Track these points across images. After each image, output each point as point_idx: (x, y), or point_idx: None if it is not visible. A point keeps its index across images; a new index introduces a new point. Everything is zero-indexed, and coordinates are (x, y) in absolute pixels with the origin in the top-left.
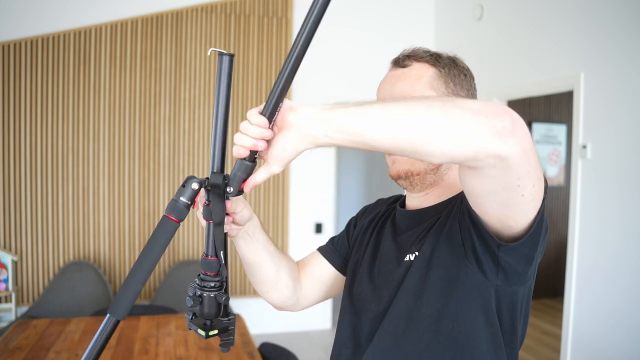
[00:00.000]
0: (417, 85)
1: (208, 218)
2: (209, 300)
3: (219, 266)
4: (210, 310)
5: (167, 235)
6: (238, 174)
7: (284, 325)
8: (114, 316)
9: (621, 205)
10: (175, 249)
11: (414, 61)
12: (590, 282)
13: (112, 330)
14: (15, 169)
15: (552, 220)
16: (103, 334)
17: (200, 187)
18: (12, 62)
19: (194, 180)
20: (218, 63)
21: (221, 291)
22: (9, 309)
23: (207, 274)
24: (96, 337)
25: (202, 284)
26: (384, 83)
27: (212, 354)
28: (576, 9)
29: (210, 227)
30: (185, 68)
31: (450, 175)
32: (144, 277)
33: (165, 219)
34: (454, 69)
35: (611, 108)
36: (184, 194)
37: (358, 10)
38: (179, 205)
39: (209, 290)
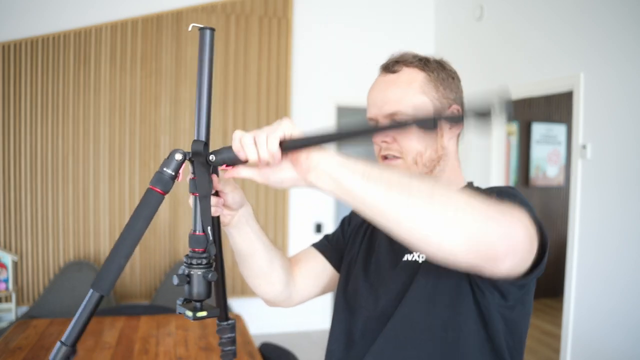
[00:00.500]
0: (408, 90)
1: (194, 191)
2: (197, 278)
3: (206, 242)
4: (199, 289)
5: (151, 208)
6: (224, 156)
7: (284, 325)
8: (97, 291)
9: (621, 205)
10: (175, 249)
11: (403, 66)
12: (590, 282)
13: (95, 305)
14: (15, 169)
15: (552, 220)
16: (86, 309)
17: (184, 158)
18: (12, 62)
19: (177, 151)
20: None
21: (210, 268)
22: (9, 309)
23: (195, 250)
24: (79, 313)
25: (190, 262)
26: (375, 89)
27: (212, 354)
28: (576, 9)
29: (196, 201)
30: (185, 68)
31: (443, 177)
32: (128, 251)
33: (149, 191)
34: (443, 72)
35: (611, 108)
36: (168, 166)
37: (358, 10)
38: (164, 176)
39: (196, 267)
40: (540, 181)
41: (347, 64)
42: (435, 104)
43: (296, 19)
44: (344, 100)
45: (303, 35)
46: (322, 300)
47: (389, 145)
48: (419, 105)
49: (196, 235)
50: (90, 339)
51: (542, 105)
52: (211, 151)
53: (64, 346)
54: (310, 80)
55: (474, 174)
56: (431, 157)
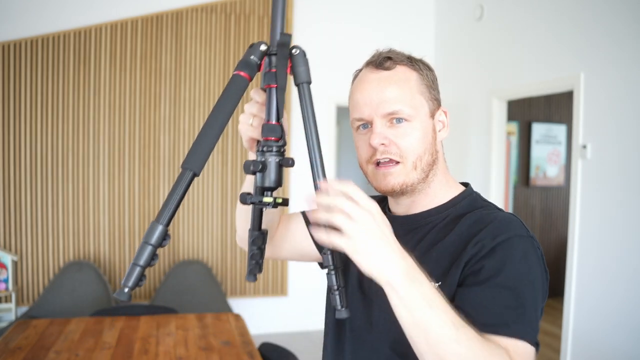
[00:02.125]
0: (406, 89)
1: (270, 83)
2: (273, 165)
3: (281, 131)
4: (273, 176)
5: (239, 90)
6: None
7: (284, 325)
8: (190, 169)
9: (621, 205)
10: (175, 249)
11: (396, 64)
12: (591, 282)
13: (188, 184)
14: (15, 169)
15: (552, 220)
16: (179, 189)
17: (267, 48)
18: (12, 62)
19: (262, 43)
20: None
21: (284, 156)
22: (9, 309)
23: (270, 139)
24: (172, 191)
25: (265, 149)
26: (368, 87)
27: (212, 354)
28: (576, 9)
29: (272, 92)
30: (185, 68)
31: (435, 181)
32: (218, 131)
33: (236, 76)
34: (430, 72)
35: (611, 108)
36: (254, 53)
37: (358, 10)
38: (251, 62)
39: (272, 154)
40: (540, 181)
41: (347, 63)
42: (429, 105)
43: (296, 19)
44: (344, 100)
45: (303, 35)
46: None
47: (387, 149)
48: (417, 105)
49: (271, 124)
50: (90, 339)
51: (542, 105)
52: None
53: (159, 225)
54: None
55: (474, 174)
56: (428, 161)
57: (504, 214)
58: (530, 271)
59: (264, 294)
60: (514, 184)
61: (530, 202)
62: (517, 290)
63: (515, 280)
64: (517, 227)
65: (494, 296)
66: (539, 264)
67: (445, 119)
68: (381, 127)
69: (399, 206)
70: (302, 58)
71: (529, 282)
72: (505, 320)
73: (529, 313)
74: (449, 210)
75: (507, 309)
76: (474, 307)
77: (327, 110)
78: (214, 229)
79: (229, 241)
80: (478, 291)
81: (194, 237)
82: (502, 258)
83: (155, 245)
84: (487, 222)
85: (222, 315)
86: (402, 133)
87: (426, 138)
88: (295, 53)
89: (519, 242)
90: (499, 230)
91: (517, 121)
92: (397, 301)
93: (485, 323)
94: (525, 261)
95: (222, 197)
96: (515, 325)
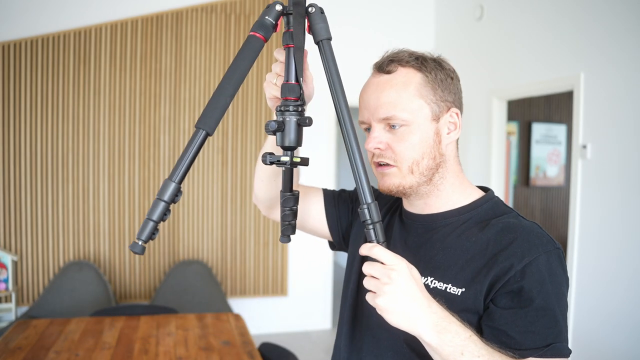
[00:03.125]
0: (404, 93)
1: (288, 43)
2: (291, 124)
3: (299, 90)
4: (292, 135)
5: (254, 51)
6: None
7: (284, 325)
8: (203, 129)
9: (621, 205)
10: (175, 249)
11: (398, 66)
12: (591, 282)
13: (201, 143)
14: (15, 169)
15: (552, 220)
16: (192, 148)
17: (283, 7)
18: (12, 62)
19: (278, 3)
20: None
21: (303, 116)
22: (9, 309)
23: (289, 99)
24: (185, 152)
25: (284, 109)
26: (367, 91)
27: (212, 354)
28: (576, 8)
29: (290, 52)
30: (185, 68)
31: (445, 184)
32: (233, 90)
33: (251, 36)
34: (441, 72)
35: (611, 108)
36: (269, 14)
37: (358, 10)
38: (266, 22)
39: (291, 113)
40: (540, 181)
41: (346, 64)
42: (432, 108)
43: None
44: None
45: None
46: (323, 300)
47: (382, 152)
48: (415, 109)
49: (290, 84)
50: (90, 339)
51: (542, 105)
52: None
53: (172, 183)
54: None
55: (474, 174)
56: (429, 165)
57: (529, 225)
58: (560, 288)
59: (264, 294)
60: (514, 184)
61: (530, 202)
62: (554, 311)
63: (550, 301)
64: (545, 241)
65: (536, 320)
66: (563, 276)
67: (457, 120)
68: (378, 131)
69: (413, 207)
70: (319, 15)
71: (559, 299)
72: (548, 342)
73: (564, 329)
74: (470, 213)
75: (548, 330)
76: (519, 332)
77: (327, 110)
78: (214, 229)
79: (229, 241)
80: (521, 315)
81: (194, 237)
82: (538, 279)
83: (168, 202)
84: (514, 233)
85: (222, 315)
86: (398, 138)
87: (425, 142)
88: (311, 11)
89: (547, 259)
90: (529, 246)
91: (517, 121)
92: (431, 351)
93: (531, 347)
94: (554, 279)
95: (222, 197)
96: (557, 345)
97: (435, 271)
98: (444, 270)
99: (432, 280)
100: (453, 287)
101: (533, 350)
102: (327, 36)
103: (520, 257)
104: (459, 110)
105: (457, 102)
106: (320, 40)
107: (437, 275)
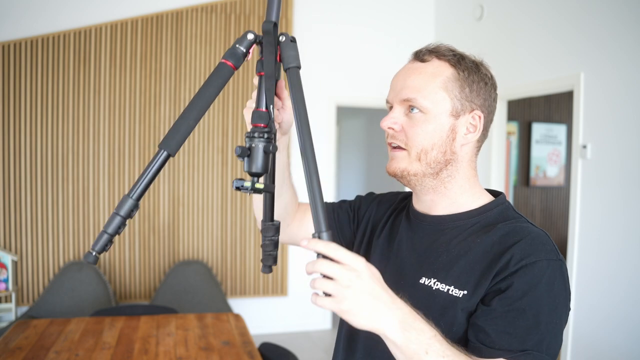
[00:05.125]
0: (430, 83)
1: (260, 71)
2: (258, 151)
3: (269, 119)
4: (259, 162)
5: (223, 78)
6: None
7: (284, 325)
8: (165, 150)
9: (621, 205)
10: (176, 249)
11: (435, 57)
12: (591, 282)
13: (162, 163)
14: (15, 169)
15: (552, 220)
16: (153, 167)
17: (255, 37)
18: (12, 62)
19: (250, 32)
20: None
21: (270, 142)
22: (9, 309)
23: (258, 125)
24: (146, 169)
25: (252, 135)
26: (399, 74)
27: (212, 354)
28: (576, 8)
29: (261, 80)
30: (185, 68)
31: (454, 184)
32: (198, 114)
33: (222, 64)
34: (475, 74)
35: (611, 108)
36: (241, 43)
37: (358, 10)
38: (237, 52)
39: (258, 140)
40: (540, 181)
41: (347, 63)
42: (454, 104)
43: (296, 18)
44: (343, 100)
45: (303, 34)
46: None
47: (395, 134)
48: (437, 100)
49: (259, 111)
50: (90, 339)
51: (542, 105)
52: (279, 33)
53: (130, 199)
54: (310, 80)
55: None
56: (437, 158)
57: (537, 231)
58: (555, 299)
59: (264, 294)
60: (514, 184)
61: (530, 202)
62: (538, 317)
63: (538, 306)
64: (548, 249)
65: (515, 321)
66: (563, 290)
67: (479, 123)
68: (397, 112)
69: (420, 204)
70: (290, 44)
71: (552, 309)
72: (524, 347)
73: (550, 341)
74: (479, 217)
75: (528, 335)
76: (496, 331)
77: (327, 110)
78: (214, 229)
79: (229, 241)
80: (502, 313)
81: (194, 237)
82: (530, 280)
83: (124, 217)
84: (519, 236)
85: (222, 315)
86: (413, 123)
87: (437, 134)
88: (282, 40)
89: (548, 266)
90: (531, 250)
91: (517, 121)
92: (395, 349)
93: (505, 348)
94: (550, 287)
95: (222, 197)
96: (533, 352)
97: (439, 273)
98: (447, 272)
99: (435, 282)
100: (455, 289)
101: (505, 351)
102: (295, 64)
103: (519, 258)
104: (484, 115)
105: (484, 107)
106: (288, 67)
107: (440, 276)
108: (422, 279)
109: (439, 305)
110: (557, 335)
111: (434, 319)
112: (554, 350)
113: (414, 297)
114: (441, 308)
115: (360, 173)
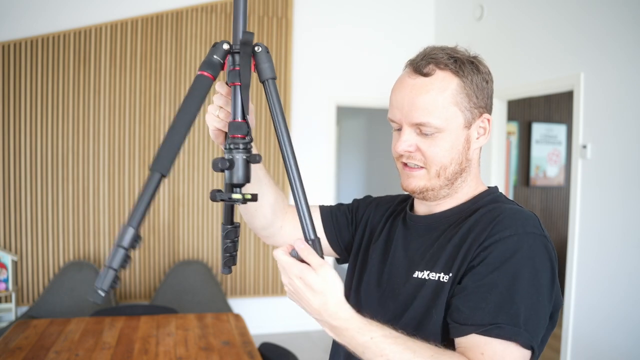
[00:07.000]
0: (439, 98)
1: (235, 81)
2: (240, 162)
3: (247, 128)
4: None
5: (204, 90)
6: None
7: (284, 325)
8: (158, 171)
9: (621, 205)
10: (176, 249)
11: (436, 69)
12: (591, 282)
13: (156, 186)
14: (15, 169)
15: (552, 220)
16: (148, 192)
17: (230, 47)
18: (12, 62)
19: (225, 42)
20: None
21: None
22: (9, 309)
23: (237, 136)
24: (141, 194)
25: (232, 147)
26: (402, 91)
27: (212, 354)
28: (576, 8)
29: (237, 90)
30: (185, 68)
31: (464, 186)
32: (184, 130)
33: (199, 76)
34: (477, 76)
35: (611, 108)
36: (216, 53)
37: (358, 10)
38: (214, 61)
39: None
40: (540, 181)
41: (347, 64)
42: (465, 115)
43: (296, 18)
44: (343, 100)
45: (303, 35)
46: None
47: (412, 154)
48: (449, 117)
49: (237, 122)
50: (90, 339)
51: (542, 105)
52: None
53: (130, 228)
54: (310, 80)
55: None
56: (454, 170)
57: (519, 209)
58: (535, 273)
59: (264, 294)
60: (514, 184)
61: (530, 202)
62: (511, 291)
63: (512, 279)
64: (529, 224)
65: (487, 295)
66: (548, 267)
67: (488, 126)
68: (409, 134)
69: (422, 206)
70: (265, 55)
71: (530, 283)
72: (496, 321)
73: (525, 314)
74: (469, 204)
75: (500, 310)
76: (469, 307)
77: (327, 110)
78: (214, 229)
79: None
80: (473, 289)
81: (194, 237)
82: (502, 254)
83: (127, 248)
84: (497, 213)
85: (222, 315)
86: (429, 143)
87: (454, 149)
88: (258, 51)
89: (527, 239)
90: (507, 225)
91: (517, 121)
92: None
93: (476, 323)
94: (530, 261)
95: None
96: (506, 326)
97: (429, 263)
98: (435, 261)
99: (427, 273)
100: (444, 275)
101: (477, 326)
102: (272, 75)
103: (493, 233)
104: (490, 115)
105: (489, 106)
106: (265, 79)
107: (429, 266)
108: (416, 272)
109: (431, 294)
110: (537, 311)
111: (429, 308)
112: (535, 328)
113: (409, 292)
114: (433, 296)
115: (360, 173)
